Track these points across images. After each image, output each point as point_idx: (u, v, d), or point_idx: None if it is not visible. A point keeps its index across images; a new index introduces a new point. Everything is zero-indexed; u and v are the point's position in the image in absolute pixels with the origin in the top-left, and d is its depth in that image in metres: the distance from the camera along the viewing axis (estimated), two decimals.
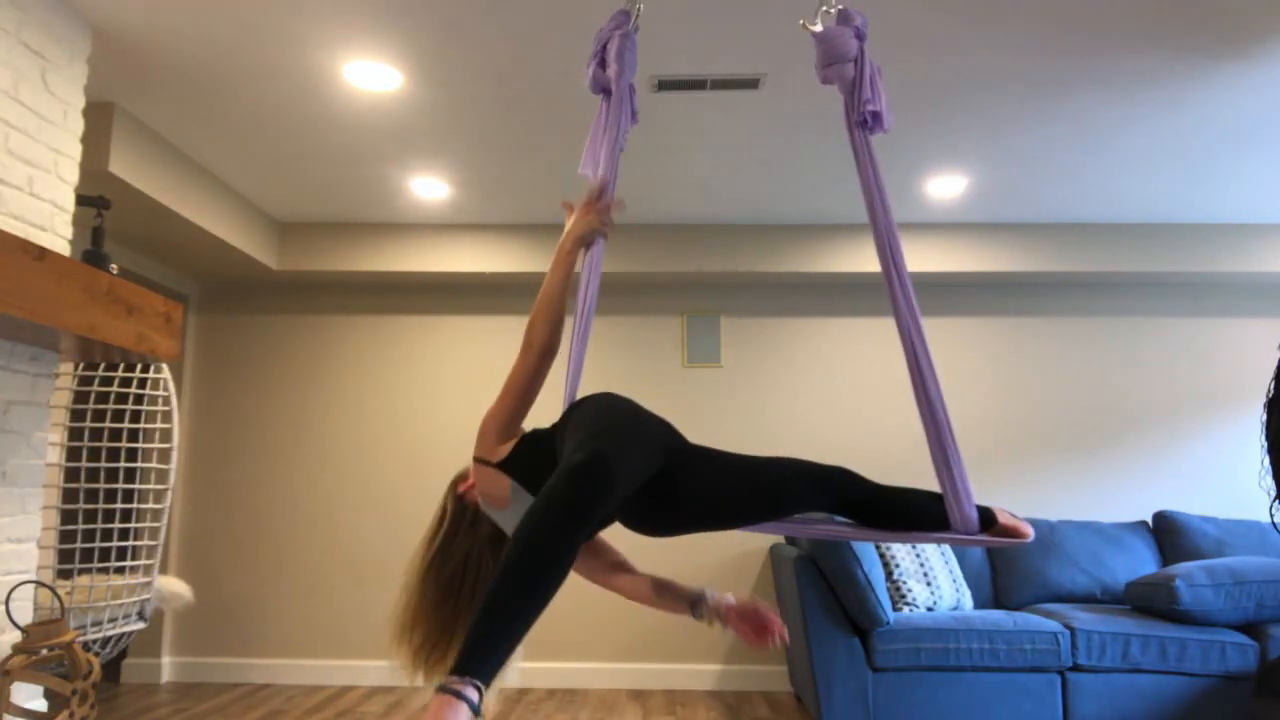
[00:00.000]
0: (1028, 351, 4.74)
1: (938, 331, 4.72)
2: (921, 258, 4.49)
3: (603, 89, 1.98)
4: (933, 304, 4.74)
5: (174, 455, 2.79)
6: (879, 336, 4.75)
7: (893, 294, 1.76)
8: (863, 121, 1.86)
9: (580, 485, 1.38)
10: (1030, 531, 1.83)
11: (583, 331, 1.93)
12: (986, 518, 1.80)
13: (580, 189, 1.97)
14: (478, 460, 1.79)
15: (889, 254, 1.77)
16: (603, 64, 1.96)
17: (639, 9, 1.97)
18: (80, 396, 2.86)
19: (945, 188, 4.01)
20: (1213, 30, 2.66)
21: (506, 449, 1.75)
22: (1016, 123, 3.33)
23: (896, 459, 4.61)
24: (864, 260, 4.51)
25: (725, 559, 4.57)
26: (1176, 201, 4.17)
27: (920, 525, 1.79)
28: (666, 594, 1.90)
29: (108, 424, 2.71)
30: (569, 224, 1.84)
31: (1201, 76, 2.95)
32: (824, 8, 1.92)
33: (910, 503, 1.81)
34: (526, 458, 1.73)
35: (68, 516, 2.79)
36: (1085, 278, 4.63)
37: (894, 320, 1.76)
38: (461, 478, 1.98)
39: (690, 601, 1.86)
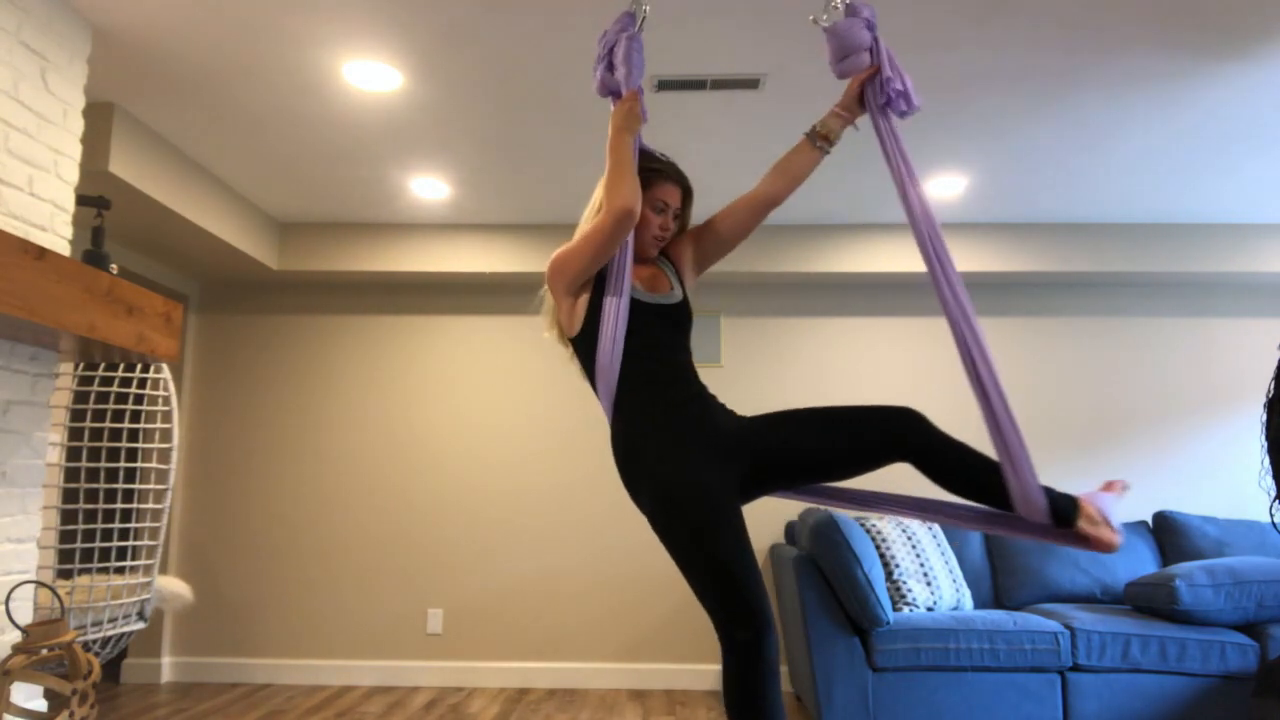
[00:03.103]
0: (1027, 351, 4.73)
1: (937, 331, 4.72)
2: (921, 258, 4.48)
3: (612, 92, 1.98)
4: (933, 304, 4.73)
5: (174, 455, 2.79)
6: (879, 336, 4.75)
7: (935, 278, 1.76)
8: (887, 101, 1.86)
9: (761, 665, 1.66)
10: (1117, 543, 1.69)
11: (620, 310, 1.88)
12: (1064, 512, 1.68)
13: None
14: (553, 290, 1.93)
15: (929, 243, 1.78)
16: (610, 67, 1.96)
17: (645, 12, 1.96)
18: (80, 396, 2.86)
19: (945, 188, 4.01)
20: (1212, 30, 2.66)
21: (578, 320, 1.89)
22: (1016, 123, 3.33)
23: None
24: (864, 260, 4.51)
25: None
26: (1176, 201, 4.17)
27: (983, 497, 1.74)
28: (790, 165, 2.00)
29: (108, 424, 2.71)
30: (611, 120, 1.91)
31: (1201, 76, 2.95)
32: (833, 3, 1.92)
33: (972, 468, 1.74)
34: (586, 353, 1.89)
35: (68, 516, 2.79)
36: (1085, 278, 4.63)
37: (938, 305, 1.77)
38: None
39: (810, 142, 1.98)
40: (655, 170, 1.96)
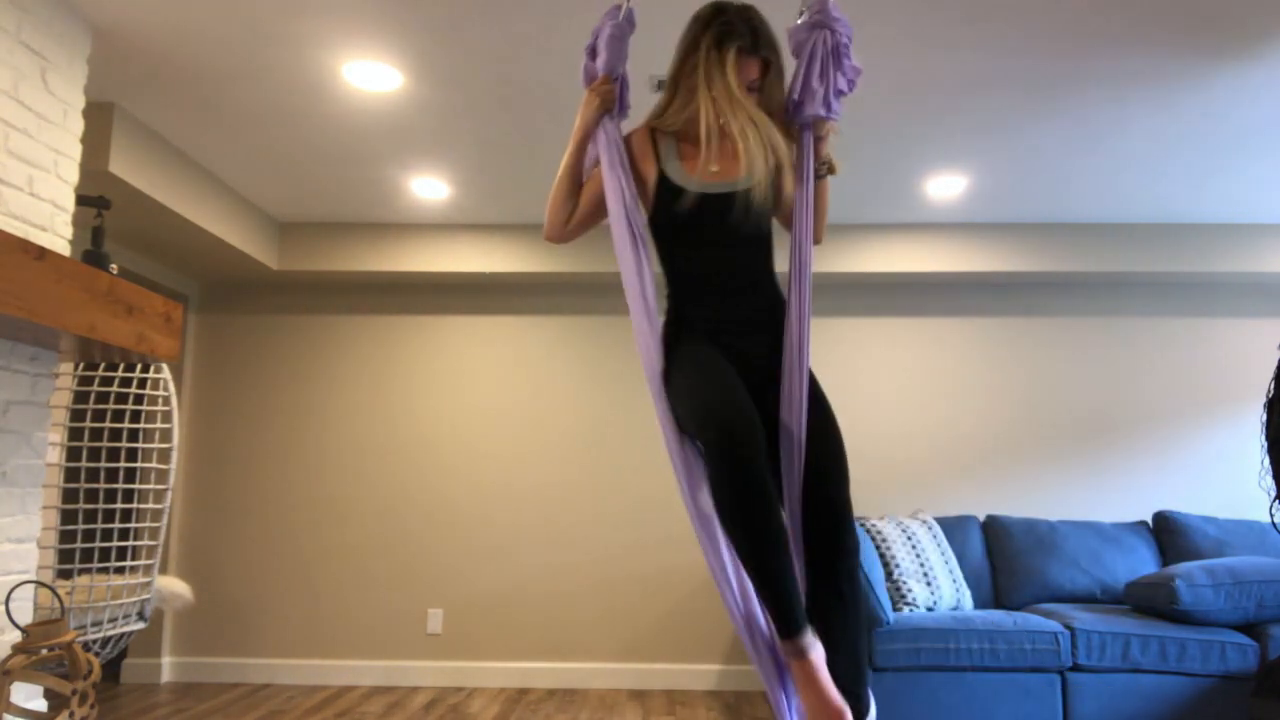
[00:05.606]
0: (1028, 351, 4.74)
1: (938, 331, 4.72)
2: (921, 258, 4.48)
3: (591, 79, 1.95)
4: (933, 304, 4.74)
5: (174, 455, 2.79)
6: (878, 336, 4.75)
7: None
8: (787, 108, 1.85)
9: (725, 468, 1.54)
10: None
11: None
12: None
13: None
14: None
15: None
16: (593, 54, 1.95)
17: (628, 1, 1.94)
18: (80, 396, 2.86)
19: (945, 188, 4.01)
20: (1213, 30, 2.66)
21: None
22: (1016, 123, 3.33)
23: (895, 458, 4.61)
24: (864, 260, 4.51)
25: None
26: (1176, 201, 4.17)
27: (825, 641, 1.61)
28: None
29: (108, 424, 2.71)
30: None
31: (1201, 76, 2.95)
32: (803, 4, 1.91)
33: (844, 624, 1.63)
34: None
35: (68, 516, 2.79)
36: (1085, 278, 4.63)
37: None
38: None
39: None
40: (725, 39, 1.77)
